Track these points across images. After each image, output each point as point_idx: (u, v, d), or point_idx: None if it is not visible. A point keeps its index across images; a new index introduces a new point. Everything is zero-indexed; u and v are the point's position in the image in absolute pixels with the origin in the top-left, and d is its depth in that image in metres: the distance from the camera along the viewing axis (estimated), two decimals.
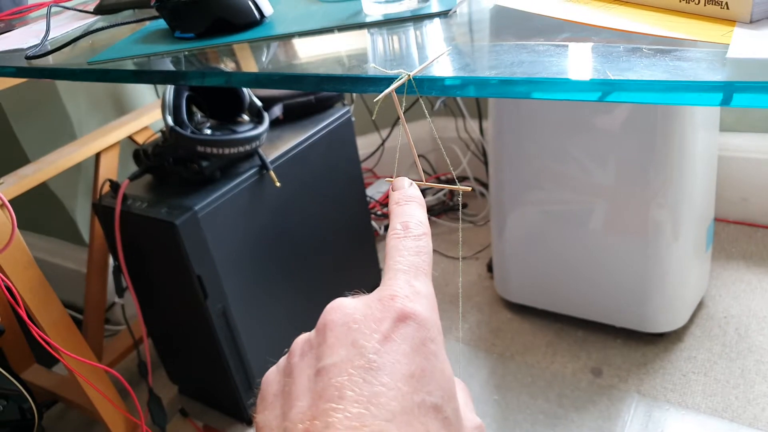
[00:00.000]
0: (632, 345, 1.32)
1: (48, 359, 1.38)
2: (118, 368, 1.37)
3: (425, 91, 0.44)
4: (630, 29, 0.44)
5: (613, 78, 0.36)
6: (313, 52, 0.57)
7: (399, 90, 0.41)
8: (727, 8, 0.41)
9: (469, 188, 0.40)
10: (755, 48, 0.36)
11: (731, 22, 0.41)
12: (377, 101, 0.39)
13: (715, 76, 0.34)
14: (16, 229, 0.96)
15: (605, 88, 0.36)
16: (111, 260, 1.29)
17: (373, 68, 0.47)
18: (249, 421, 1.32)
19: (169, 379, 1.43)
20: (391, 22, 0.57)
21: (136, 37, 0.69)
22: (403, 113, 0.40)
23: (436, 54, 0.46)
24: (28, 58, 0.68)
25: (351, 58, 0.53)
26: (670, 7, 0.45)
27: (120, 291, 1.25)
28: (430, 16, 0.56)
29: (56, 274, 1.68)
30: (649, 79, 0.35)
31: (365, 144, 1.97)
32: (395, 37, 0.55)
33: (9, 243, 0.94)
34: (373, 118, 1.92)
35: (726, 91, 0.33)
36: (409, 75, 0.41)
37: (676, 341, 1.31)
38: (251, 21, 0.62)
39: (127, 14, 0.84)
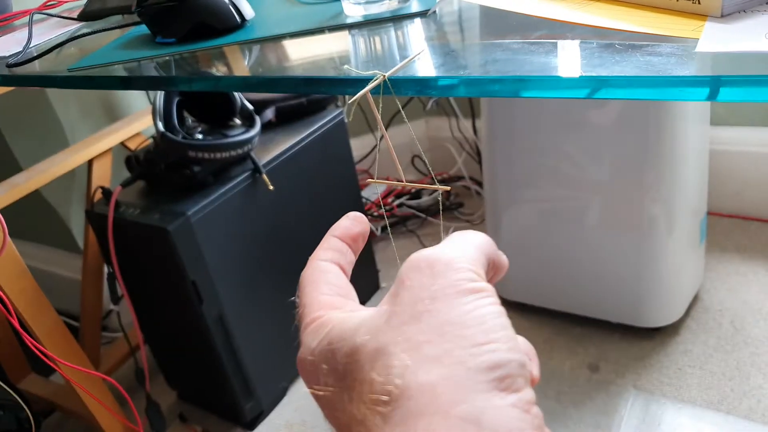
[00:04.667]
0: (629, 340, 1.32)
1: (44, 368, 1.38)
2: (115, 376, 1.37)
3: (402, 92, 0.44)
4: (604, 25, 0.44)
5: (585, 75, 0.36)
6: (294, 55, 0.57)
7: (376, 91, 0.41)
8: (699, 3, 0.41)
9: (449, 188, 0.40)
10: (724, 42, 0.36)
11: (703, 16, 0.41)
12: (352, 103, 0.39)
13: (683, 71, 0.35)
14: (8, 238, 0.96)
15: (593, 84, 0.36)
16: (106, 267, 1.29)
17: (348, 69, 0.47)
18: (247, 425, 1.32)
19: (168, 384, 1.43)
20: (371, 23, 0.57)
21: (118, 43, 0.69)
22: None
23: (412, 54, 0.47)
24: (9, 66, 0.68)
25: (332, 59, 0.53)
26: (644, 3, 0.46)
27: (115, 298, 1.25)
28: (410, 16, 0.56)
29: (52, 282, 1.68)
30: (637, 75, 0.35)
31: (361, 145, 1.97)
32: (376, 38, 0.55)
33: (1, 252, 0.95)
34: (349, 119, 1.92)
35: (712, 86, 0.33)
36: (384, 76, 0.41)
37: (672, 335, 1.31)
38: (232, 25, 0.62)
39: (111, 20, 0.84)
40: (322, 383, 0.27)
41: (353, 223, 0.34)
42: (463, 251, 0.27)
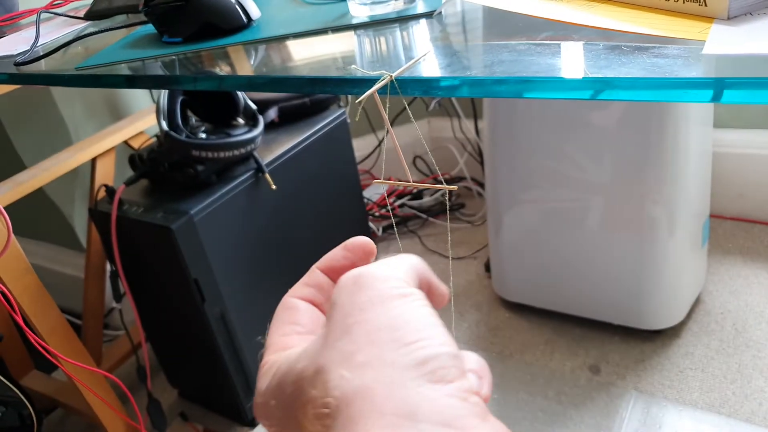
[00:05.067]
0: (630, 342, 1.32)
1: (47, 365, 1.38)
2: (117, 373, 1.37)
3: (409, 92, 0.44)
4: (611, 27, 0.44)
5: (591, 76, 0.37)
6: (300, 55, 0.57)
7: (382, 91, 0.42)
8: (705, 5, 0.41)
9: (455, 187, 0.41)
10: (730, 44, 0.36)
11: (709, 18, 0.41)
12: (360, 102, 0.39)
13: (690, 73, 0.35)
14: (12, 236, 0.97)
15: (597, 86, 0.37)
16: (109, 265, 1.30)
17: (354, 69, 0.48)
18: (249, 423, 1.32)
19: (169, 382, 1.44)
20: (377, 24, 0.57)
21: (124, 42, 0.70)
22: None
23: (419, 55, 0.47)
24: (17, 64, 0.69)
25: (337, 59, 0.54)
26: (650, 5, 0.46)
27: (118, 296, 1.25)
28: (416, 17, 0.57)
29: (54, 280, 1.68)
30: (641, 77, 0.35)
31: (363, 145, 1.98)
32: (381, 39, 0.55)
33: (5, 249, 0.95)
34: (356, 119, 1.93)
35: (716, 88, 0.33)
36: (391, 76, 0.41)
37: (673, 337, 1.31)
38: (239, 25, 0.62)
39: (117, 19, 0.84)
40: (274, 418, 0.27)
41: (344, 254, 0.34)
42: (388, 265, 0.28)
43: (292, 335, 0.31)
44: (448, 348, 0.25)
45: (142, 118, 1.33)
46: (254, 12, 0.65)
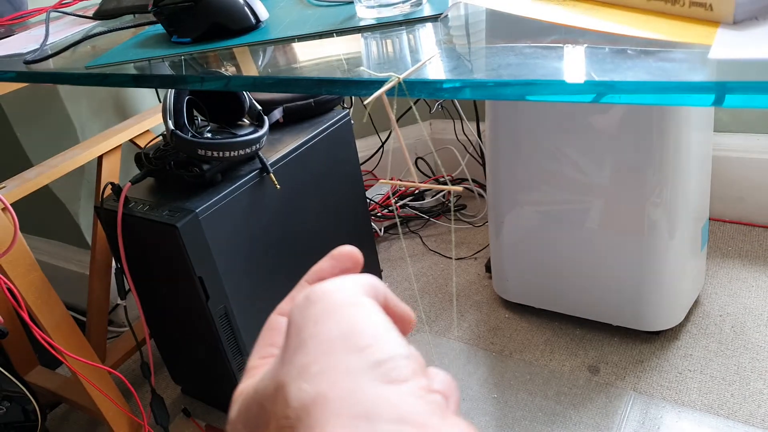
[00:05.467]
0: (629, 343, 1.33)
1: (51, 361, 1.40)
2: (121, 369, 1.39)
3: (416, 94, 0.45)
4: (616, 31, 0.45)
5: (597, 79, 0.37)
6: (308, 56, 0.58)
7: (390, 93, 0.43)
8: (711, 10, 0.42)
9: (460, 188, 0.42)
10: (736, 49, 0.37)
11: (715, 23, 0.41)
12: (367, 104, 0.40)
13: (695, 77, 0.35)
14: (19, 232, 0.98)
15: (599, 89, 0.37)
16: (114, 262, 1.31)
17: (363, 71, 0.48)
18: None
19: (172, 379, 1.45)
20: (384, 26, 0.58)
21: (134, 41, 0.71)
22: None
23: (425, 57, 0.48)
24: (26, 62, 0.70)
25: (345, 61, 0.55)
26: (655, 9, 0.46)
27: (122, 293, 1.26)
28: (422, 20, 0.58)
29: (60, 276, 1.70)
30: (643, 80, 0.36)
31: (365, 146, 1.99)
32: (388, 41, 0.56)
33: (11, 246, 0.96)
34: (364, 120, 1.94)
35: (718, 92, 0.34)
36: (399, 78, 0.42)
37: (672, 339, 1.32)
38: (247, 26, 0.63)
39: (126, 19, 0.85)
40: None
41: (331, 264, 0.34)
42: (342, 281, 0.28)
43: (269, 357, 0.31)
44: (402, 350, 0.25)
45: (149, 117, 1.34)
46: (262, 13, 0.66)
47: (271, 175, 1.19)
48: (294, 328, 0.26)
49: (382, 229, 1.89)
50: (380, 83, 0.43)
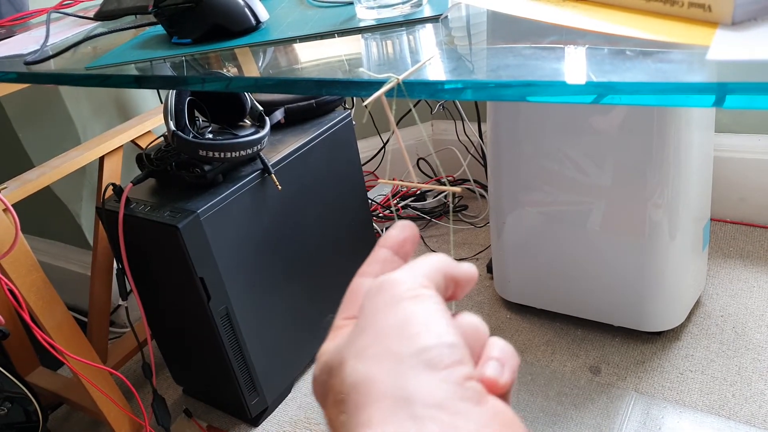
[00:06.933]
0: (630, 343, 1.33)
1: (53, 362, 1.40)
2: (122, 370, 1.39)
3: (416, 95, 0.45)
4: (615, 32, 0.45)
5: (595, 80, 0.37)
6: (308, 57, 0.58)
7: (389, 93, 0.43)
8: (710, 11, 0.42)
9: (459, 189, 0.42)
10: (735, 50, 0.37)
11: (713, 24, 0.41)
12: (367, 105, 0.40)
13: (695, 78, 0.35)
14: (20, 233, 0.98)
15: (600, 90, 0.37)
16: (115, 263, 1.31)
17: (362, 72, 0.49)
18: (252, 421, 1.33)
19: (174, 380, 1.45)
20: (384, 27, 0.58)
21: (134, 42, 0.71)
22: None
23: (425, 58, 0.48)
24: (27, 63, 0.70)
25: (345, 62, 0.55)
26: (654, 10, 0.46)
27: (124, 294, 1.26)
28: (422, 21, 0.58)
29: (61, 277, 1.70)
30: (644, 81, 0.36)
31: (367, 147, 1.99)
32: (388, 42, 0.56)
33: (12, 247, 0.96)
34: (365, 121, 1.94)
35: (719, 93, 0.34)
36: (398, 79, 0.42)
37: (673, 340, 1.32)
38: (247, 27, 0.64)
39: (126, 20, 0.86)
40: (320, 400, 0.31)
41: (399, 231, 0.37)
42: (408, 270, 0.31)
43: (351, 318, 0.33)
44: (447, 338, 0.27)
45: (150, 117, 1.34)
46: (263, 14, 0.66)
47: (273, 175, 1.19)
48: (362, 313, 0.30)
49: (384, 229, 1.89)
50: (380, 84, 0.44)
